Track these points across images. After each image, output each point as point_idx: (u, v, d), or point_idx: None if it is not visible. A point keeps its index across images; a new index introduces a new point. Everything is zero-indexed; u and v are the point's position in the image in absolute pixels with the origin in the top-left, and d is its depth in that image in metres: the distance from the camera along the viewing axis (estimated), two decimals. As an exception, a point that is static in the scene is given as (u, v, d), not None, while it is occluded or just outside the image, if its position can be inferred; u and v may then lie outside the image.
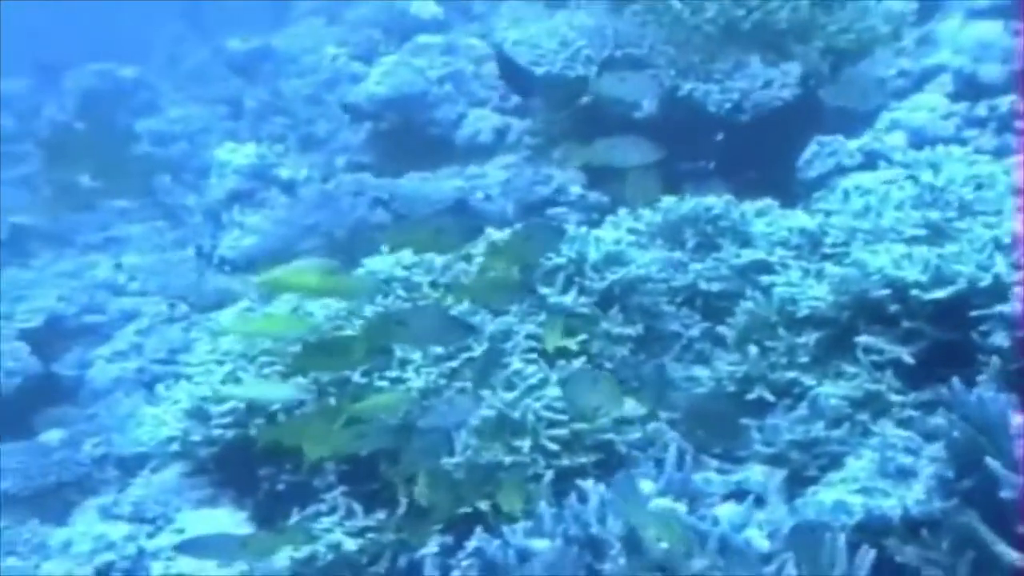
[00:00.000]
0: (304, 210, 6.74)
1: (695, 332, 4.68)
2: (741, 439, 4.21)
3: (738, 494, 3.61)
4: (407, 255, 4.62)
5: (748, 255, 4.70)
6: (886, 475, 3.67)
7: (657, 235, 5.00)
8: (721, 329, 4.54)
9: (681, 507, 3.31)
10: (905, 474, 3.64)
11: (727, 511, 3.32)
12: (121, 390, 6.50)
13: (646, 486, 3.38)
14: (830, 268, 4.20)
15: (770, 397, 4.23)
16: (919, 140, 5.64)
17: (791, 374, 4.23)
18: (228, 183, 7.81)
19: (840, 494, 3.68)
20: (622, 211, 5.10)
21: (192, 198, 8.73)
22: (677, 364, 4.59)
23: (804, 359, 4.22)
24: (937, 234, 4.14)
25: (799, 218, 4.68)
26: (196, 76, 11.58)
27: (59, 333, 7.15)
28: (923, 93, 6.12)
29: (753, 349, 4.30)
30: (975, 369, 3.72)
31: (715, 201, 4.96)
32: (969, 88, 6.01)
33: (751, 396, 4.27)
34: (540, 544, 3.33)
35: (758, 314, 4.38)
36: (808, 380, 4.19)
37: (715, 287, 4.75)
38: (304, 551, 4.10)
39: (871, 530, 3.50)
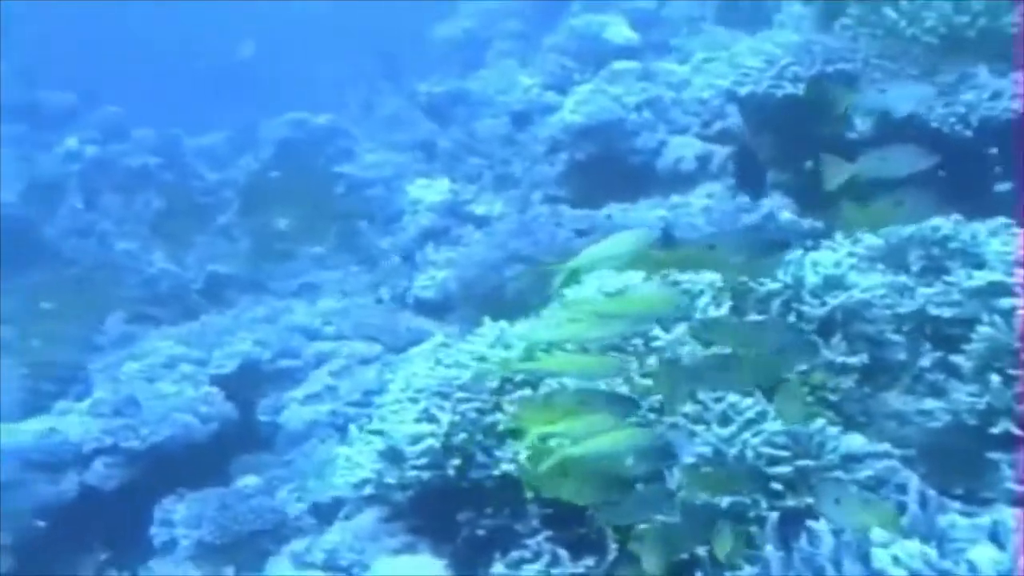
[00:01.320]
0: (501, 241, 6.51)
1: (926, 362, 4.28)
2: (985, 478, 3.82)
3: (992, 538, 3.19)
4: (610, 282, 4.33)
5: (983, 277, 4.27)
6: None
7: (878, 260, 4.61)
8: (955, 358, 4.13)
9: (930, 551, 2.92)
10: None
11: (984, 556, 2.92)
12: (316, 435, 6.36)
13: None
14: (1081, 286, 3.78)
15: (1018, 431, 3.81)
16: None
17: (1040, 405, 3.81)
18: (421, 221, 7.67)
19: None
20: (838, 235, 4.71)
21: (387, 241, 8.60)
22: (908, 396, 4.20)
23: (1054, 388, 3.81)
24: None
25: (1041, 234, 4.24)
26: (390, 122, 11.53)
27: (254, 378, 7.04)
28: None
29: (995, 378, 3.89)
30: None
31: (942, 222, 4.55)
32: None
33: (995, 430, 3.86)
34: (767, 593, 2.99)
35: (999, 340, 3.97)
36: (1059, 411, 3.78)
37: (946, 313, 4.33)
38: (510, 599, 3.84)
39: None
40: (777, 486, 3.67)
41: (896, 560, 2.90)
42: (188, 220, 9.93)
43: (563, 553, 3.89)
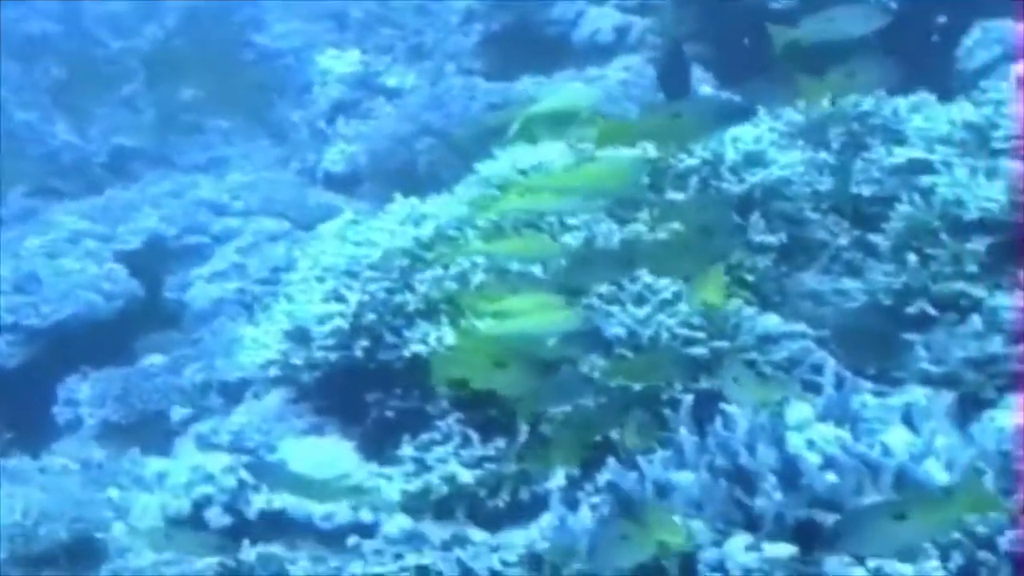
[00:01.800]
0: (412, 115, 6.34)
1: (844, 241, 4.21)
2: (898, 358, 3.77)
3: (906, 420, 3.14)
4: (525, 157, 4.20)
5: (903, 154, 4.19)
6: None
7: (798, 136, 4.51)
8: (873, 237, 4.06)
9: (844, 434, 2.86)
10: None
11: (898, 439, 2.87)
12: (224, 313, 6.21)
13: (803, 410, 2.94)
14: (1006, 163, 3.70)
15: (932, 311, 3.77)
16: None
17: (957, 285, 3.79)
18: (331, 93, 7.46)
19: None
20: (760, 112, 4.58)
21: (297, 114, 8.38)
22: (824, 276, 4.13)
23: (972, 268, 3.79)
24: None
25: (963, 110, 4.15)
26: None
27: (161, 255, 6.85)
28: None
29: (912, 258, 3.86)
30: None
31: (862, 97, 4.44)
32: None
33: (910, 310, 3.82)
34: (682, 477, 2.92)
35: (918, 219, 3.92)
36: (977, 291, 3.77)
37: (866, 191, 4.26)
38: (417, 483, 3.76)
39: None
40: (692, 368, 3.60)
41: (811, 444, 2.84)
42: (90, 90, 9.60)
43: (473, 435, 3.82)
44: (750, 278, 4.00)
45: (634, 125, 3.37)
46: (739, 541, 2.73)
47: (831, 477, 2.69)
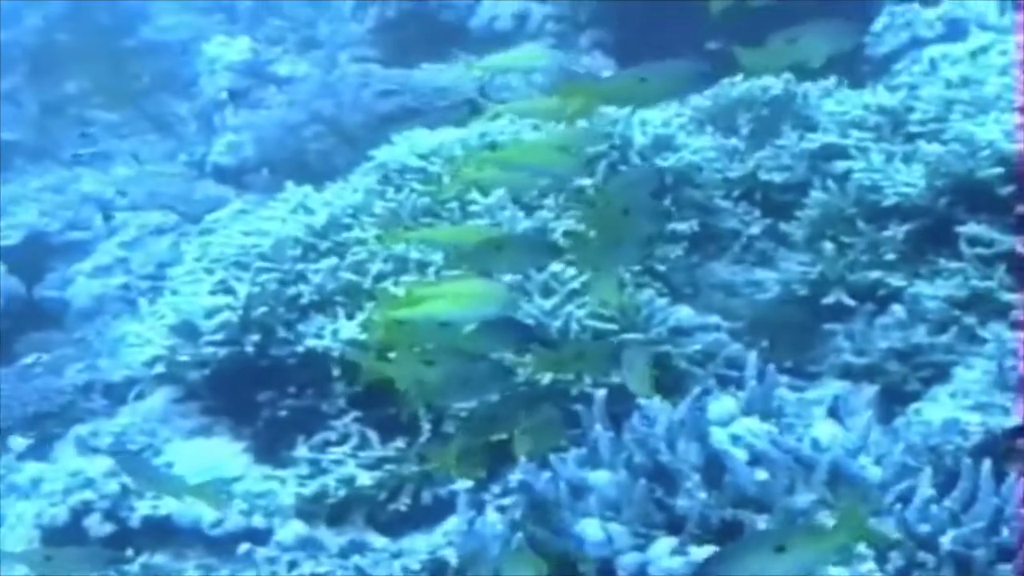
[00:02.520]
0: (303, 103, 6.11)
1: (755, 230, 4.06)
2: (814, 351, 3.64)
3: (832, 414, 2.99)
4: (421, 142, 4.02)
5: (816, 139, 4.05)
6: (1006, 388, 3.07)
7: (707, 121, 4.37)
8: (786, 226, 3.92)
9: (771, 428, 2.70)
10: (1028, 386, 3.04)
11: (827, 433, 2.71)
12: (108, 311, 5.93)
13: (727, 404, 2.77)
14: (925, 147, 3.57)
15: (850, 301, 3.64)
16: (1009, 6, 4.94)
17: (875, 274, 3.67)
18: (220, 81, 7.19)
19: (951, 411, 3.09)
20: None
21: (184, 107, 8.11)
22: (737, 266, 3.99)
23: (891, 256, 3.66)
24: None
25: (876, 94, 4.02)
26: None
27: (42, 251, 6.55)
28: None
29: (828, 246, 3.72)
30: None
31: (772, 81, 4.31)
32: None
33: (827, 300, 3.68)
34: (598, 476, 2.73)
35: (833, 205, 3.78)
36: (896, 280, 3.65)
37: (777, 178, 4.12)
38: (312, 487, 3.56)
39: (991, 453, 2.87)
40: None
41: (735, 439, 2.67)
42: (-32, 83, 9.27)
43: (372, 435, 3.62)
44: (661, 268, 3.84)
45: (601, 86, 3.26)
46: (663, 545, 2.54)
47: (761, 475, 2.52)
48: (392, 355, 3.26)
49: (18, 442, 4.80)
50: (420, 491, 3.53)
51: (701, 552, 2.50)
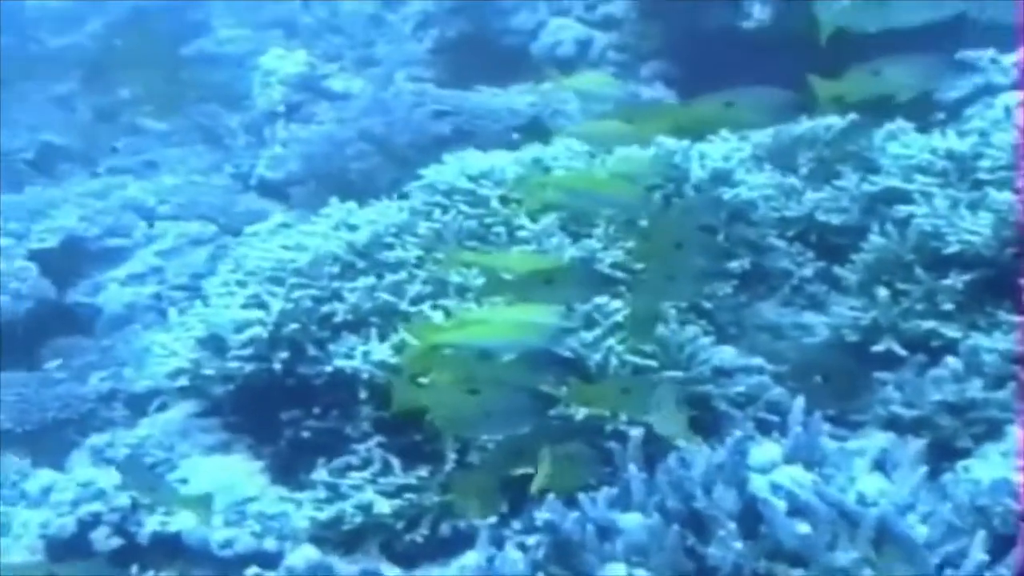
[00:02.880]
0: (353, 119, 6.01)
1: (808, 271, 3.91)
2: (859, 400, 3.47)
3: (878, 467, 2.82)
4: (472, 163, 3.90)
5: (878, 182, 3.89)
6: (1060, 450, 2.90)
7: (765, 159, 4.21)
8: (840, 270, 3.77)
9: (815, 478, 2.53)
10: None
11: (874, 487, 2.54)
12: (138, 320, 5.83)
13: (770, 450, 2.60)
14: (994, 195, 3.40)
15: (901, 351, 3.47)
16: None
17: (929, 323, 3.49)
18: (273, 95, 7.12)
19: (1001, 471, 2.90)
20: (724, 131, 4.27)
21: (235, 119, 8.04)
22: (785, 308, 3.83)
23: (948, 306, 3.48)
24: None
25: (945, 139, 3.85)
26: (251, -4, 10.92)
27: (78, 256, 6.46)
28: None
29: (883, 292, 3.55)
30: None
31: (836, 120, 4.16)
32: None
33: (877, 348, 3.51)
34: (628, 519, 2.57)
35: (891, 250, 3.62)
36: (950, 331, 3.48)
37: (835, 219, 3.96)
38: (328, 512, 3.43)
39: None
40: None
41: (775, 488, 2.51)
42: (24, 87, 9.25)
43: (395, 461, 3.48)
44: (707, 305, 3.69)
45: (688, 110, 3.20)
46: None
47: (803, 527, 2.34)
48: (425, 380, 3.15)
49: (33, 449, 4.72)
50: (439, 522, 3.38)
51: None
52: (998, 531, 2.70)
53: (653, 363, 3.38)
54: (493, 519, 3.03)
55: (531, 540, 2.69)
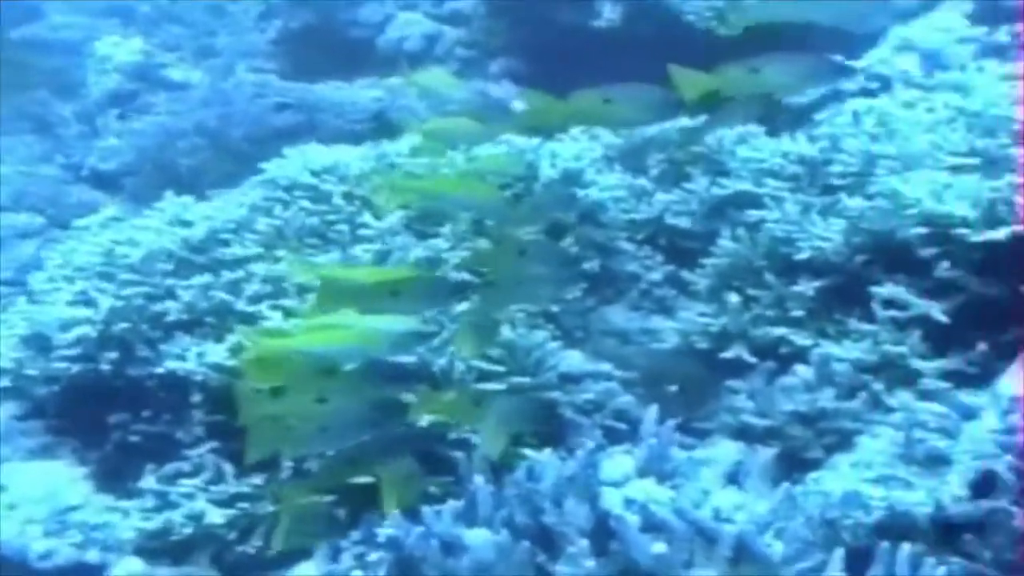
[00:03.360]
0: (190, 111, 5.85)
1: (657, 276, 3.85)
2: (706, 408, 3.41)
3: (731, 479, 2.75)
4: (315, 158, 3.78)
5: (728, 186, 3.84)
6: (911, 461, 2.85)
7: (615, 160, 4.15)
8: (689, 275, 3.71)
9: (670, 492, 2.45)
10: (937, 461, 2.80)
11: (729, 502, 2.46)
12: (-38, 316, 5.59)
13: (622, 463, 2.52)
14: (846, 200, 3.37)
15: (750, 358, 3.40)
16: (933, 65, 4.78)
17: (779, 330, 3.42)
18: (108, 83, 6.91)
19: (852, 483, 2.85)
20: (574, 130, 4.20)
21: (68, 109, 7.79)
22: (633, 313, 3.77)
23: (798, 312, 3.42)
24: (990, 163, 3.31)
25: (795, 143, 3.82)
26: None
27: None
28: (937, 12, 5.22)
29: (733, 298, 3.48)
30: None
31: (686, 122, 4.10)
32: (990, 10, 5.14)
33: (726, 355, 3.45)
34: (475, 535, 2.45)
35: (741, 255, 3.56)
36: (800, 339, 3.40)
37: (684, 223, 3.91)
38: (156, 521, 3.28)
39: (893, 532, 2.65)
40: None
41: (628, 502, 2.42)
42: None
43: (228, 468, 3.34)
44: (554, 309, 3.60)
45: (566, 104, 3.10)
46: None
47: (659, 547, 2.25)
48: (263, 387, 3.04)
49: None
50: (273, 533, 3.24)
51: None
52: (848, 545, 2.65)
53: (500, 368, 3.29)
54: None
55: (373, 556, 2.57)
